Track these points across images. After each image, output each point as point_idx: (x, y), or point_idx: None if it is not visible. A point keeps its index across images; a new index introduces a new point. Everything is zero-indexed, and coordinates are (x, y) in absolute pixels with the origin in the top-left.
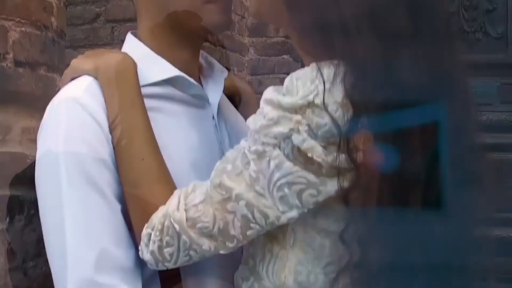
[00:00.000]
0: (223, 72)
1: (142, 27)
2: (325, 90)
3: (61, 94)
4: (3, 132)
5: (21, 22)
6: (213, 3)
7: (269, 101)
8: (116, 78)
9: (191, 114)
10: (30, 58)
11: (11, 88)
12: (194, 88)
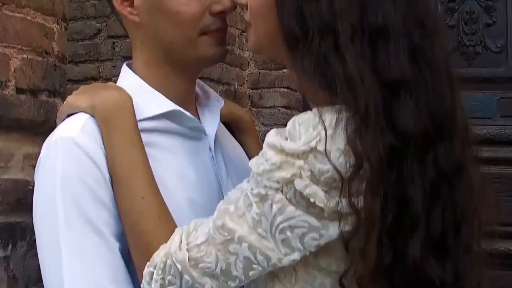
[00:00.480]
0: (219, 102)
1: (138, 59)
2: (327, 137)
3: (58, 132)
4: (5, 159)
5: (23, 49)
6: (208, 35)
7: (272, 146)
8: (113, 116)
9: (188, 148)
10: (32, 84)
11: (13, 116)
12: (190, 121)
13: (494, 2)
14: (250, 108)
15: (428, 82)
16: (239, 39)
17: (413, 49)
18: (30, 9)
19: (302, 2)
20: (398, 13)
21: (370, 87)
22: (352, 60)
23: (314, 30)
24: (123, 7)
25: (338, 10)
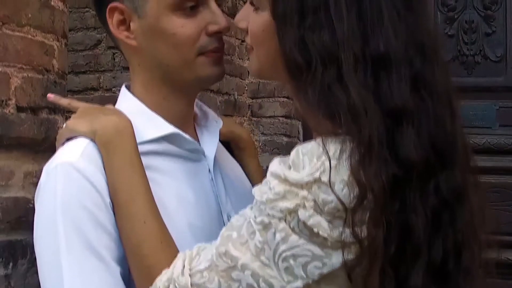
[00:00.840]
0: (217, 123)
1: (136, 81)
2: (331, 168)
3: (58, 157)
4: (6, 178)
5: (23, 68)
6: (205, 55)
7: (275, 175)
8: (114, 141)
9: (187, 170)
10: (32, 102)
11: (13, 135)
12: (189, 143)
13: (494, 11)
14: (250, 117)
15: (429, 110)
16: (238, 49)
17: (415, 76)
18: (31, 28)
19: (304, 31)
20: (399, 40)
21: (373, 118)
22: (356, 90)
23: (317, 60)
24: (119, 32)
25: (340, 39)
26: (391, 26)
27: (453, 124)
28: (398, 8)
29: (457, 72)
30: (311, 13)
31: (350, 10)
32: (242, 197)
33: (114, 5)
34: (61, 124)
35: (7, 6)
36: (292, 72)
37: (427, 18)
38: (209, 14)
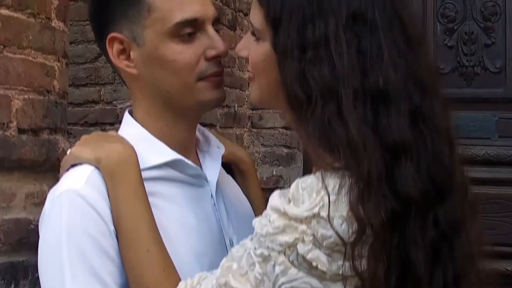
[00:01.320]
0: (219, 148)
1: (138, 108)
2: (330, 203)
3: (62, 184)
4: (7, 199)
5: (24, 90)
6: (205, 80)
7: (275, 209)
8: (118, 170)
9: (190, 195)
10: (33, 124)
11: (15, 157)
12: (192, 169)
13: (493, 23)
14: (250, 128)
15: (427, 144)
16: (238, 61)
17: (414, 111)
18: (31, 50)
19: (304, 65)
20: (398, 75)
21: (372, 153)
22: (355, 125)
23: (317, 94)
24: (120, 61)
25: (340, 74)
26: (390, 62)
27: (451, 157)
28: (398, 44)
29: (456, 83)
30: (311, 47)
31: (350, 45)
32: (243, 221)
33: (113, 35)
34: (62, 144)
35: (9, 29)
36: (292, 104)
37: (426, 54)
38: (207, 40)
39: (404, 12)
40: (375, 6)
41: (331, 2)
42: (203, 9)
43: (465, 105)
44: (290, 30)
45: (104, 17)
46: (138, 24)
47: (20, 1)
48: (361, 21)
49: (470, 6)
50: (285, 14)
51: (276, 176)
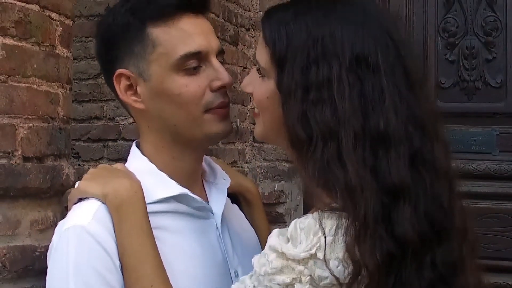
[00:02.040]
0: (225, 180)
1: (146, 142)
2: (326, 245)
3: (70, 219)
4: (12, 227)
5: (29, 118)
6: (212, 112)
7: (273, 249)
8: (124, 206)
9: (195, 228)
10: (38, 152)
11: (20, 185)
12: (197, 202)
13: (494, 37)
14: (252, 143)
15: (427, 187)
16: (241, 76)
17: (414, 154)
18: (36, 78)
19: (307, 106)
20: (399, 118)
21: (369, 196)
22: (353, 168)
23: (317, 136)
24: (127, 97)
25: (341, 116)
26: (392, 106)
27: (451, 199)
28: (400, 87)
29: (457, 98)
30: (314, 89)
31: (353, 88)
32: (249, 252)
33: (120, 71)
34: (66, 170)
35: (13, 58)
36: (293, 144)
37: (428, 96)
38: (212, 71)
39: (407, 56)
40: (379, 50)
41: (335, 44)
42: (207, 41)
43: (466, 120)
44: (294, 70)
45: (110, 54)
46: (143, 59)
47: (24, 30)
48: (364, 65)
49: (471, 21)
50: (290, 54)
51: (278, 191)
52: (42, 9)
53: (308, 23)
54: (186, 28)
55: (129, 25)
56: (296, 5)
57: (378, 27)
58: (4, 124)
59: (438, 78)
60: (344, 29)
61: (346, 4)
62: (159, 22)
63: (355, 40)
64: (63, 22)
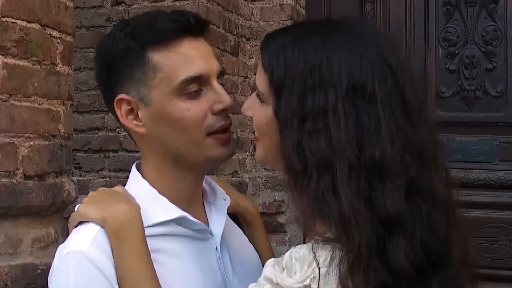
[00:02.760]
0: (225, 200)
1: (147, 165)
2: (320, 276)
3: (69, 244)
4: (14, 246)
5: (30, 137)
6: (213, 136)
7: (268, 279)
8: (123, 230)
9: (195, 250)
10: (39, 170)
11: (21, 204)
12: (196, 225)
13: (495, 47)
14: (253, 153)
15: (423, 217)
16: (241, 86)
17: (410, 183)
18: (37, 97)
19: (302, 136)
20: (396, 148)
21: (363, 227)
22: (348, 200)
23: (312, 166)
24: (129, 121)
25: (336, 146)
26: (388, 135)
27: (449, 228)
28: (397, 116)
29: (458, 107)
30: (310, 118)
31: (348, 118)
32: (249, 273)
33: (121, 96)
34: (67, 187)
35: (14, 78)
36: (289, 173)
37: (426, 125)
38: (213, 94)
39: (405, 83)
40: (376, 79)
41: (332, 72)
42: (207, 64)
43: (466, 129)
44: (291, 98)
45: (110, 79)
46: (144, 84)
47: (25, 49)
48: (361, 93)
49: (472, 30)
50: (287, 81)
51: (278, 201)
52: (43, 28)
53: (306, 50)
54: (187, 52)
55: (129, 49)
56: (294, 31)
57: (376, 54)
58: (5, 143)
59: (439, 87)
60: (341, 57)
61: (344, 31)
62: (159, 47)
63: (352, 68)
64: (63, 39)
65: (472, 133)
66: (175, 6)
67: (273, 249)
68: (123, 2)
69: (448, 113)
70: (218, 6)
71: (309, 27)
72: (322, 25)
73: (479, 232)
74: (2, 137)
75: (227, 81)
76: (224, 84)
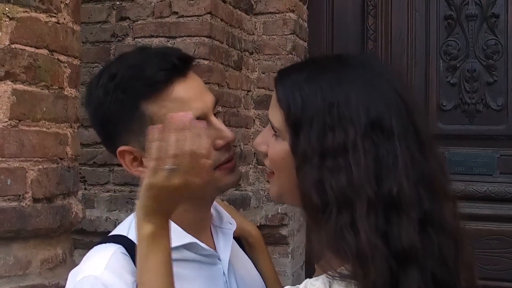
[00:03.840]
0: (232, 224)
1: None
2: None
3: (84, 269)
4: (23, 268)
5: (39, 161)
6: (220, 169)
7: None
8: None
9: (203, 275)
10: (48, 193)
11: (30, 227)
12: (205, 250)
13: (495, 61)
14: (256, 165)
15: (434, 248)
16: (244, 100)
17: (423, 216)
18: (45, 121)
19: (323, 173)
20: (411, 182)
21: (379, 263)
22: (366, 236)
23: (333, 203)
24: (134, 170)
25: (356, 183)
26: (404, 170)
27: (457, 258)
28: (412, 149)
29: (459, 120)
30: (331, 155)
31: (368, 154)
32: None
33: (122, 149)
34: (75, 208)
35: (23, 103)
36: (307, 210)
37: (437, 158)
38: (213, 131)
39: (418, 116)
40: (392, 114)
41: (351, 110)
42: (202, 103)
43: (467, 142)
44: (311, 136)
45: (107, 131)
46: (143, 135)
47: (34, 75)
48: (379, 130)
49: (473, 44)
50: (305, 119)
51: (281, 214)
52: (51, 53)
53: (322, 87)
54: (180, 96)
55: (122, 103)
56: (308, 68)
57: (388, 88)
58: (15, 168)
59: (440, 100)
60: (358, 94)
61: (356, 66)
62: (152, 98)
63: (369, 105)
64: (71, 63)
65: (472, 146)
66: (179, 22)
67: (276, 261)
68: (128, 18)
69: (449, 126)
70: (222, 21)
71: (322, 64)
72: (334, 61)
73: (480, 244)
74: (11, 162)
75: (231, 96)
76: (220, 112)
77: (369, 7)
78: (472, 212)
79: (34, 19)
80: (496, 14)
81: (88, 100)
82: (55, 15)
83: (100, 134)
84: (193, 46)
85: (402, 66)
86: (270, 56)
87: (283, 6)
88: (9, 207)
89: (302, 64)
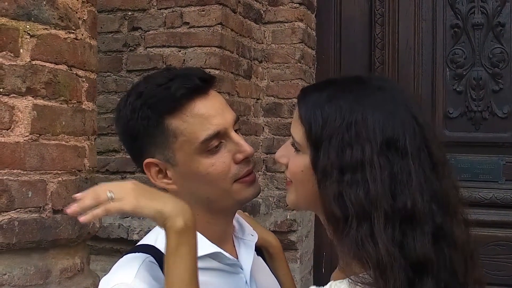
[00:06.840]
0: (253, 236)
1: None
2: None
3: (114, 277)
4: (43, 277)
5: (58, 173)
6: (240, 181)
7: None
8: (187, 231)
9: (228, 283)
10: (67, 204)
11: (50, 238)
12: (229, 259)
13: (501, 69)
14: (265, 172)
15: (446, 261)
16: (254, 108)
17: (436, 230)
18: (64, 135)
19: (342, 187)
20: (424, 198)
21: (398, 272)
22: (384, 247)
23: (352, 215)
24: (159, 181)
25: (373, 197)
26: (418, 186)
27: (466, 271)
28: (424, 168)
29: (465, 128)
30: (349, 170)
31: (383, 171)
32: None
33: (148, 161)
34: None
35: (43, 118)
36: (329, 221)
37: (449, 176)
38: (233, 145)
39: (431, 139)
40: (407, 134)
41: (368, 128)
42: (223, 119)
43: (473, 149)
44: (330, 151)
45: (135, 146)
46: (168, 148)
47: (54, 90)
48: (394, 148)
49: (479, 52)
50: (325, 136)
51: (290, 220)
52: (69, 68)
53: (342, 107)
54: (202, 112)
55: (148, 119)
56: (329, 88)
57: (405, 112)
58: (35, 181)
59: (446, 108)
60: (375, 115)
61: (375, 90)
62: (175, 113)
63: (385, 125)
64: (88, 77)
65: (478, 153)
66: (190, 32)
67: None
68: (140, 28)
69: (455, 133)
70: (232, 31)
71: (343, 85)
72: (354, 83)
73: (486, 250)
74: (32, 175)
75: (241, 104)
76: (241, 129)
77: (377, 16)
78: (478, 218)
79: (53, 36)
80: (502, 23)
81: (117, 118)
82: (73, 31)
83: (129, 150)
84: (204, 56)
85: (409, 74)
86: (279, 65)
87: (292, 15)
88: (30, 218)
89: (324, 83)
